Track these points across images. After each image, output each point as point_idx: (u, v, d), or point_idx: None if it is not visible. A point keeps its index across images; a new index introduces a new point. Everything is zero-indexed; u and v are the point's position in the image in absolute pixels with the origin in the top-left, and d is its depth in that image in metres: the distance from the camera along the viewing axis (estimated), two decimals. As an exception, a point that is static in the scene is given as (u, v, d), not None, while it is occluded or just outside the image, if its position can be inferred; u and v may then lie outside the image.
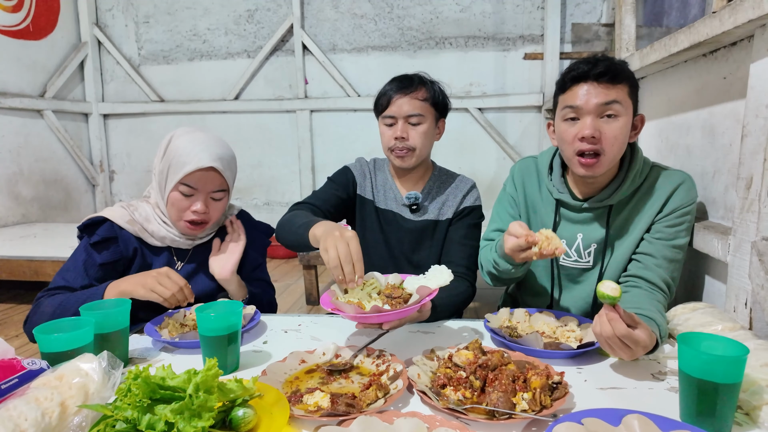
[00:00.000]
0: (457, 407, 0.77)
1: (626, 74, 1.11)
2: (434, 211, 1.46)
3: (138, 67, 4.63)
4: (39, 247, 3.09)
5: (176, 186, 1.22)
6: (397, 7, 4.19)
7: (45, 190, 4.24)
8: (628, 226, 1.20)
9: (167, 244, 1.30)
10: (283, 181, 4.61)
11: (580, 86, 1.10)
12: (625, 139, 1.12)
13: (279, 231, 1.32)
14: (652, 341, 0.91)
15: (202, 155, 1.20)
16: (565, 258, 1.27)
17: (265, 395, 0.78)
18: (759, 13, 0.98)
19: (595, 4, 3.92)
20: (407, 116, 1.37)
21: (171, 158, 1.22)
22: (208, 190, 1.24)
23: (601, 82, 1.08)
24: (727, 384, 0.71)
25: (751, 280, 1.06)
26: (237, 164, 1.34)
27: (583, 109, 1.10)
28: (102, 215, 1.26)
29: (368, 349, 1.00)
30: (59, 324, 0.89)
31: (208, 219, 1.27)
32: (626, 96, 1.10)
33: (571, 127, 1.13)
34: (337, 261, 0.97)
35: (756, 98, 1.06)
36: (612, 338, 0.89)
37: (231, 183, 1.30)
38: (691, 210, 1.17)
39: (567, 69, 1.15)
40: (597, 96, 1.08)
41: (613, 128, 1.09)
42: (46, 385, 0.72)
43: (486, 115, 4.17)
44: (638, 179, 1.18)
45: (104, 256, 1.23)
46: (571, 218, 1.25)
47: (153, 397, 0.68)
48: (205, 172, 1.21)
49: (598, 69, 1.08)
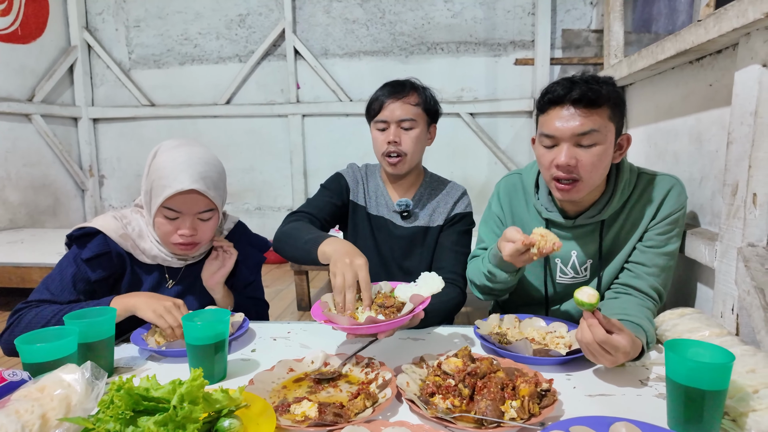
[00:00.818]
0: (446, 416, 0.77)
1: (606, 97, 1.03)
2: (425, 218, 1.46)
3: (128, 71, 4.60)
4: (26, 253, 3.05)
5: (159, 210, 1.15)
6: (389, 13, 4.20)
7: (33, 195, 4.19)
8: (623, 236, 1.18)
9: (158, 262, 1.25)
10: (275, 186, 4.60)
11: (557, 111, 1.06)
12: (605, 165, 1.08)
13: (279, 244, 1.29)
14: (635, 347, 0.91)
15: (182, 177, 1.12)
16: (562, 276, 1.25)
17: (251, 405, 0.77)
18: (743, 22, 0.99)
19: (584, 11, 3.96)
20: (399, 121, 1.37)
21: (153, 179, 1.16)
22: (193, 212, 1.17)
23: (578, 107, 1.03)
24: (714, 391, 0.71)
25: (737, 285, 1.07)
26: (226, 176, 1.27)
27: (559, 137, 1.06)
28: (94, 227, 1.19)
29: (357, 356, 0.99)
30: (42, 334, 0.87)
31: (198, 240, 1.21)
32: (606, 120, 1.05)
33: (548, 152, 1.10)
34: (341, 288, 0.98)
35: (741, 106, 1.07)
36: (591, 344, 0.89)
37: (219, 201, 1.22)
38: (682, 214, 1.15)
39: (545, 90, 1.11)
40: (573, 124, 1.04)
41: (590, 156, 1.05)
42: (27, 397, 0.71)
43: (477, 120, 4.19)
44: (627, 190, 1.16)
45: (99, 273, 1.18)
46: (562, 236, 1.22)
47: (136, 408, 0.67)
48: (187, 195, 1.14)
49: (574, 94, 1.03)
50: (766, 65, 1.00)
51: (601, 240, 1.18)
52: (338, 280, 0.99)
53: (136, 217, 1.25)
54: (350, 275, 0.99)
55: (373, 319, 0.93)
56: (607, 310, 1.07)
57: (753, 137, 1.03)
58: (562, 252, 1.22)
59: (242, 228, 1.42)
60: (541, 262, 1.27)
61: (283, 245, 1.27)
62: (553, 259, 1.24)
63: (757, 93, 1.01)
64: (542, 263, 1.27)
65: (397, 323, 0.95)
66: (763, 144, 1.02)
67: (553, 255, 1.23)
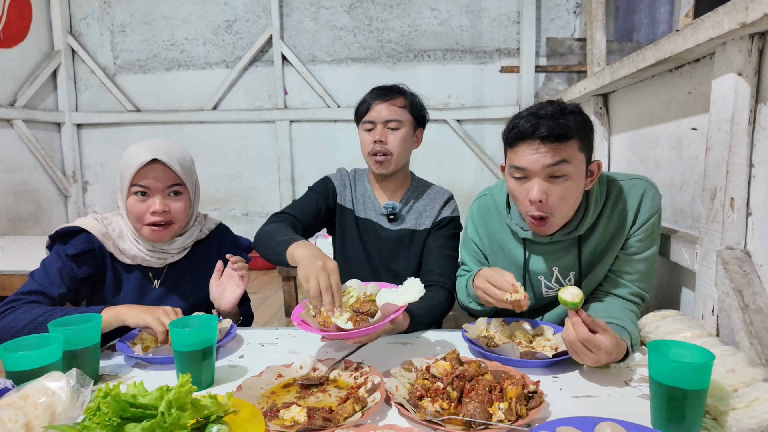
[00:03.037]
0: (435, 419, 0.77)
1: (575, 130, 1.02)
2: (412, 221, 1.48)
3: (113, 77, 4.55)
4: (7, 260, 2.98)
5: (129, 191, 1.19)
6: (376, 20, 4.24)
7: (14, 201, 4.11)
8: (603, 247, 1.18)
9: (138, 262, 1.25)
10: (262, 192, 4.57)
11: (526, 146, 1.04)
12: (576, 195, 1.08)
13: (257, 243, 1.30)
14: (619, 348, 0.92)
15: (145, 153, 1.18)
16: (547, 291, 1.25)
17: (240, 411, 0.77)
18: (719, 32, 1.03)
19: (568, 20, 4.03)
20: (386, 121, 1.41)
21: (120, 167, 1.21)
22: (161, 187, 1.20)
23: (547, 143, 1.02)
24: (695, 390, 0.73)
25: (717, 288, 1.10)
26: (195, 166, 1.30)
27: (530, 170, 1.05)
28: (78, 225, 1.21)
29: (346, 361, 0.99)
30: (26, 341, 0.86)
31: (171, 219, 1.22)
32: (576, 151, 1.03)
33: (519, 186, 1.09)
34: (317, 292, 0.98)
35: (718, 113, 1.10)
36: (575, 342, 0.91)
37: (189, 182, 1.25)
38: (658, 216, 1.15)
39: (510, 125, 1.08)
40: (543, 159, 1.02)
41: (561, 189, 1.04)
42: (10, 406, 0.70)
43: (464, 127, 4.23)
44: (600, 202, 1.15)
45: (84, 270, 1.19)
46: (540, 252, 1.22)
47: (123, 415, 0.66)
48: (151, 166, 1.18)
49: (542, 131, 1.01)
50: (741, 74, 1.03)
51: (580, 254, 1.18)
52: (312, 284, 0.99)
53: (116, 219, 1.27)
54: (324, 278, 0.99)
55: (339, 328, 0.95)
56: (592, 314, 1.08)
57: (730, 143, 1.06)
58: (543, 269, 1.22)
59: (224, 229, 1.43)
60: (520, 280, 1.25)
61: (260, 245, 1.28)
62: (536, 276, 1.24)
63: (732, 101, 1.05)
64: (521, 280, 1.24)
65: (363, 332, 0.95)
66: (740, 150, 1.05)
67: (535, 272, 1.24)
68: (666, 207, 1.47)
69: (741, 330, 0.97)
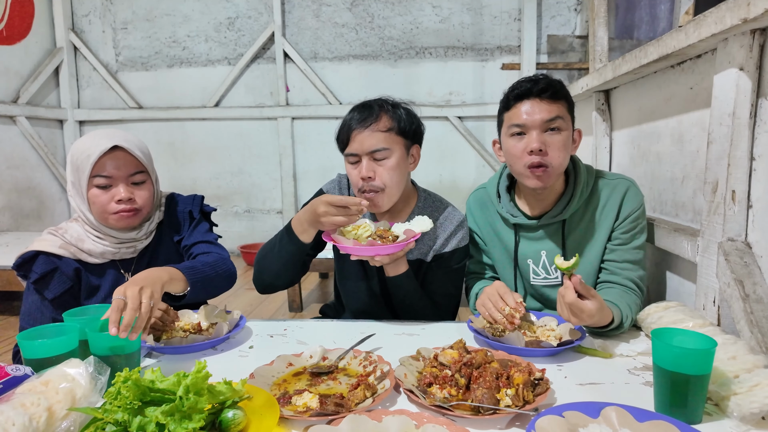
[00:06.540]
0: (444, 404, 0.79)
1: (564, 92, 1.21)
2: (415, 251, 1.32)
3: (115, 74, 4.56)
4: (11, 256, 2.99)
5: (90, 182, 1.14)
6: (378, 17, 4.25)
7: (17, 198, 4.13)
8: (587, 238, 1.28)
9: (108, 258, 1.23)
10: (264, 189, 4.59)
11: (524, 103, 1.19)
12: (568, 151, 1.21)
13: (260, 272, 1.30)
14: (603, 315, 1.02)
15: (103, 141, 1.14)
16: (535, 276, 1.33)
17: (254, 397, 0.79)
18: (721, 28, 1.05)
19: (569, 17, 4.05)
20: (371, 152, 1.21)
21: (74, 161, 1.16)
22: (124, 175, 1.16)
23: (543, 98, 1.17)
24: (698, 375, 0.75)
25: (718, 279, 1.12)
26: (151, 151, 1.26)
27: (529, 125, 1.18)
28: (32, 249, 1.18)
29: (355, 351, 1.01)
30: (43, 330, 0.88)
31: (137, 206, 1.19)
32: (566, 112, 1.20)
33: (518, 142, 1.20)
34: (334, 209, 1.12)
35: (719, 107, 1.12)
36: (563, 304, 1.00)
37: (149, 166, 1.21)
38: (641, 212, 1.26)
39: (510, 88, 1.23)
40: (541, 112, 1.17)
41: (557, 141, 1.18)
42: (31, 391, 0.72)
43: (465, 123, 4.25)
44: (586, 191, 1.26)
45: (53, 290, 1.17)
46: (529, 237, 1.32)
47: (143, 399, 0.68)
48: (112, 154, 1.14)
49: (539, 86, 1.17)
50: (742, 69, 1.05)
51: (564, 239, 1.28)
52: (330, 209, 1.12)
53: (72, 225, 1.23)
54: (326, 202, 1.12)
55: (372, 242, 1.11)
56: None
57: (731, 137, 1.08)
58: (532, 252, 1.32)
59: (174, 196, 1.37)
60: (511, 265, 1.36)
61: (263, 269, 1.29)
62: (525, 260, 1.33)
63: (734, 95, 1.06)
64: (512, 266, 1.36)
65: (394, 248, 1.10)
66: (741, 144, 1.07)
67: (524, 256, 1.33)
68: (667, 201, 1.49)
69: (742, 319, 0.99)
